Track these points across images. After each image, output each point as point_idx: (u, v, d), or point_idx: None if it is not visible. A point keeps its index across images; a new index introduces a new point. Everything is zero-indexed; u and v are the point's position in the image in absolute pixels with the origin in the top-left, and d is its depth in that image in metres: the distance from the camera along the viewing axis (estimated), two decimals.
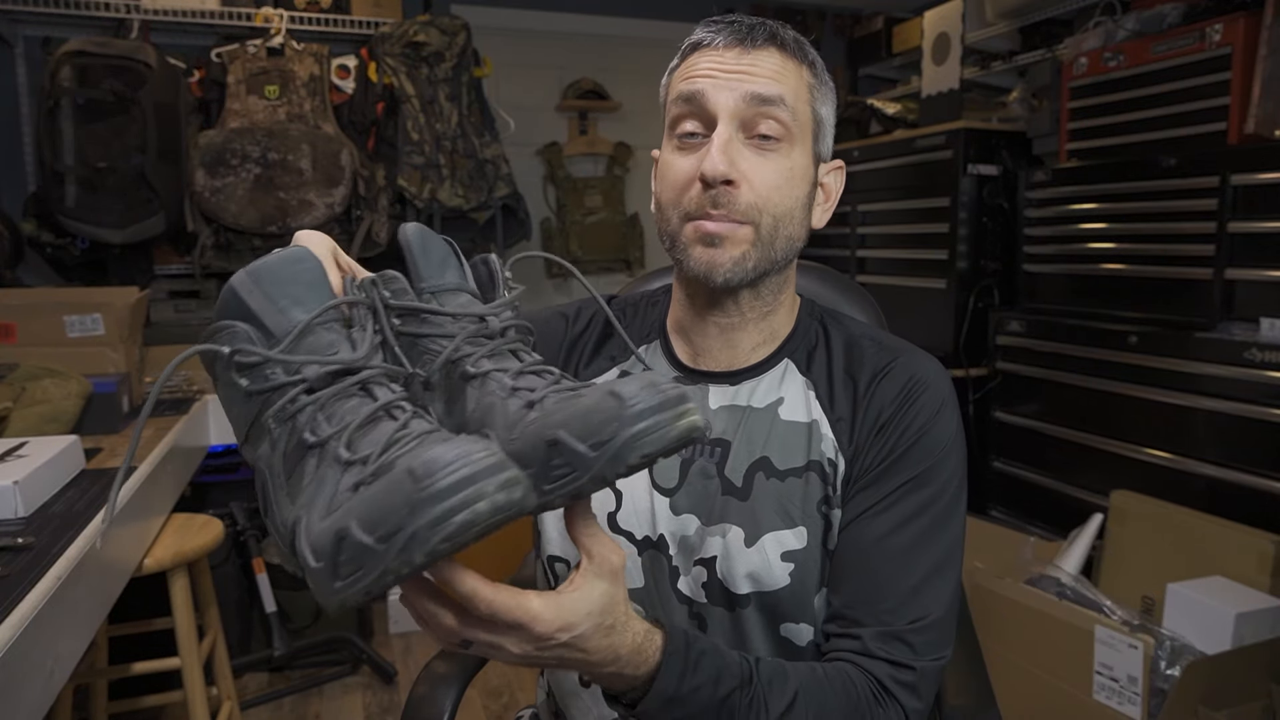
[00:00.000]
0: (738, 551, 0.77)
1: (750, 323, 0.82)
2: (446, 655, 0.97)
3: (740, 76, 0.75)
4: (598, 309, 0.93)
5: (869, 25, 3.38)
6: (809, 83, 0.79)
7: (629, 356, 0.88)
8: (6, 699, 0.87)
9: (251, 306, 0.50)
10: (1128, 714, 1.54)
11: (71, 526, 1.19)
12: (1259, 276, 1.78)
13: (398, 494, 0.41)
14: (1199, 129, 1.93)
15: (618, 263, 3.33)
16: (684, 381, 0.83)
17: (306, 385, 0.49)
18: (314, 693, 2.36)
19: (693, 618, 0.79)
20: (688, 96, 0.77)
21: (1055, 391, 2.18)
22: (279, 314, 0.50)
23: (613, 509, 0.83)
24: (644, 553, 0.81)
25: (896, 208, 2.67)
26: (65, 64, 2.29)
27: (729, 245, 0.76)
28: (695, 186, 0.76)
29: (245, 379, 0.49)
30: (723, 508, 0.78)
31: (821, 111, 0.80)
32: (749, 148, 0.76)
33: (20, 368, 1.71)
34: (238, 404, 0.50)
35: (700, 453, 0.81)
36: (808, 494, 0.77)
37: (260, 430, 0.49)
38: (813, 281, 1.06)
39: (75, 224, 2.33)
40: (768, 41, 0.77)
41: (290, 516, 0.46)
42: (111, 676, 1.84)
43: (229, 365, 0.50)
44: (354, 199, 2.63)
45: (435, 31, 2.68)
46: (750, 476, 0.78)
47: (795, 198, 0.77)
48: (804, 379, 0.82)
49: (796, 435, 0.79)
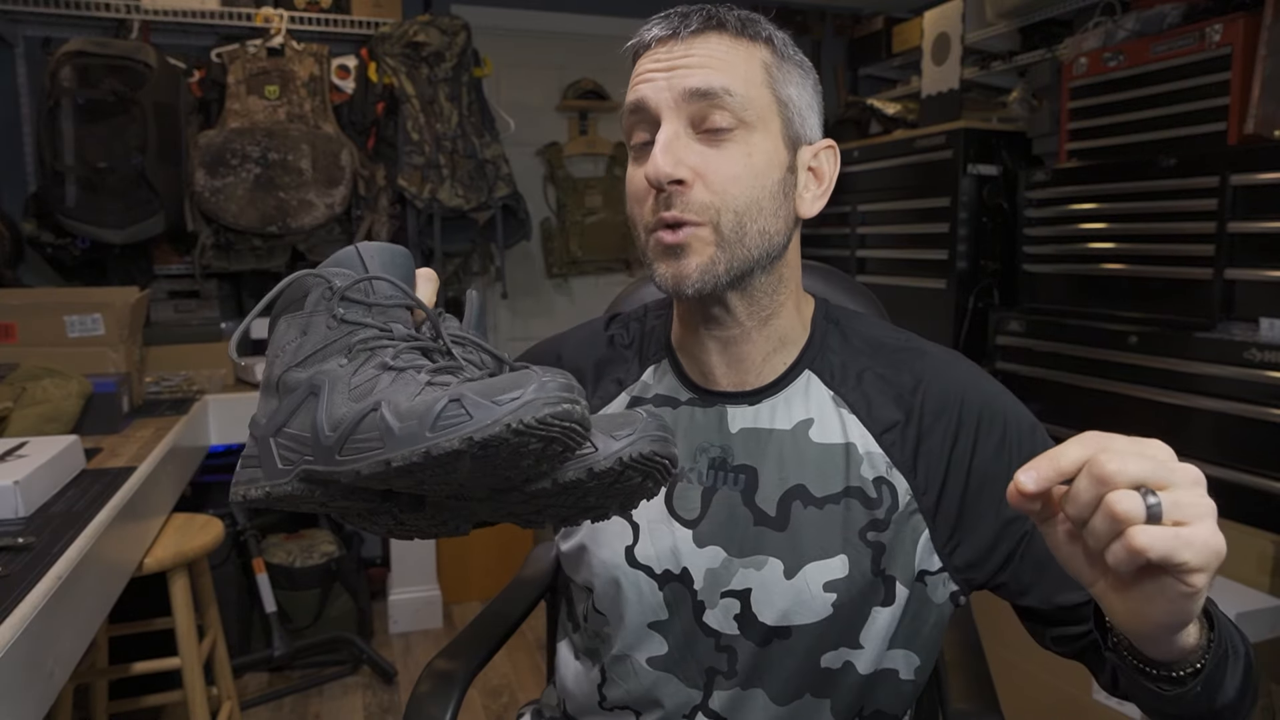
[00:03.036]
0: (776, 583, 0.74)
1: (752, 331, 0.76)
2: (447, 655, 0.97)
3: (677, 72, 0.70)
4: (595, 331, 0.90)
5: (869, 25, 3.38)
6: (765, 62, 0.73)
7: (636, 378, 0.85)
8: (6, 699, 0.87)
9: (368, 266, 0.62)
10: (1128, 714, 1.54)
11: (71, 526, 1.19)
12: (1259, 276, 1.78)
13: (507, 381, 0.51)
14: (1199, 129, 1.93)
15: (618, 263, 3.33)
16: (698, 404, 0.80)
17: (390, 334, 0.60)
18: (314, 693, 2.36)
19: (721, 650, 0.76)
20: (632, 107, 0.73)
21: (1055, 391, 2.18)
22: (383, 283, 0.62)
23: (629, 542, 0.79)
24: (665, 586, 0.78)
25: (896, 208, 2.67)
26: (65, 64, 2.29)
27: (691, 254, 0.70)
28: (652, 195, 0.71)
29: (343, 309, 0.60)
30: (757, 539, 0.75)
31: (786, 93, 0.74)
32: (700, 142, 0.70)
33: (20, 368, 1.71)
34: (319, 328, 0.60)
35: (723, 480, 0.77)
36: (848, 520, 0.73)
37: (336, 350, 0.59)
38: (815, 281, 1.06)
39: (75, 224, 2.33)
40: (704, 27, 0.72)
41: (357, 409, 0.54)
42: (111, 676, 1.84)
43: (334, 294, 0.60)
44: (354, 199, 2.63)
45: (435, 31, 2.68)
46: (786, 505, 0.75)
47: (761, 187, 0.71)
48: (831, 393, 0.77)
49: (832, 459, 0.75)
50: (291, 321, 0.62)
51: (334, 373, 0.58)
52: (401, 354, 0.58)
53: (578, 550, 0.83)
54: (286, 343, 0.61)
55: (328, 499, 0.58)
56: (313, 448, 0.56)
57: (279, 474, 0.58)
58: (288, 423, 0.58)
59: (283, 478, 0.58)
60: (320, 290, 0.61)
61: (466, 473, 0.52)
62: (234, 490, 0.60)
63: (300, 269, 0.64)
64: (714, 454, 0.78)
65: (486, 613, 1.08)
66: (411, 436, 0.51)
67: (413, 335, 0.61)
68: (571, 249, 3.24)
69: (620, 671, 0.82)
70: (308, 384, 0.58)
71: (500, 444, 0.49)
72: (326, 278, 0.61)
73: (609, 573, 0.80)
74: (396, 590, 2.73)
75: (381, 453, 0.51)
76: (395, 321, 0.61)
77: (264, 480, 0.59)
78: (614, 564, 0.79)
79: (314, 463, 0.56)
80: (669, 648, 0.79)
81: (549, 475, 0.55)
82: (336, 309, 0.60)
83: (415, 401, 0.52)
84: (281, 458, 0.58)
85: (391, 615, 2.72)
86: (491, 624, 1.06)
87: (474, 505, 0.60)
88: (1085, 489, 0.46)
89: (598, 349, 0.88)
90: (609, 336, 0.89)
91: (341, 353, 0.59)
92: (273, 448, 0.59)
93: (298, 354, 0.60)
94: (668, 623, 0.78)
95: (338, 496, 0.57)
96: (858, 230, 2.85)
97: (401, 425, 0.51)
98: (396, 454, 0.51)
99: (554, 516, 0.62)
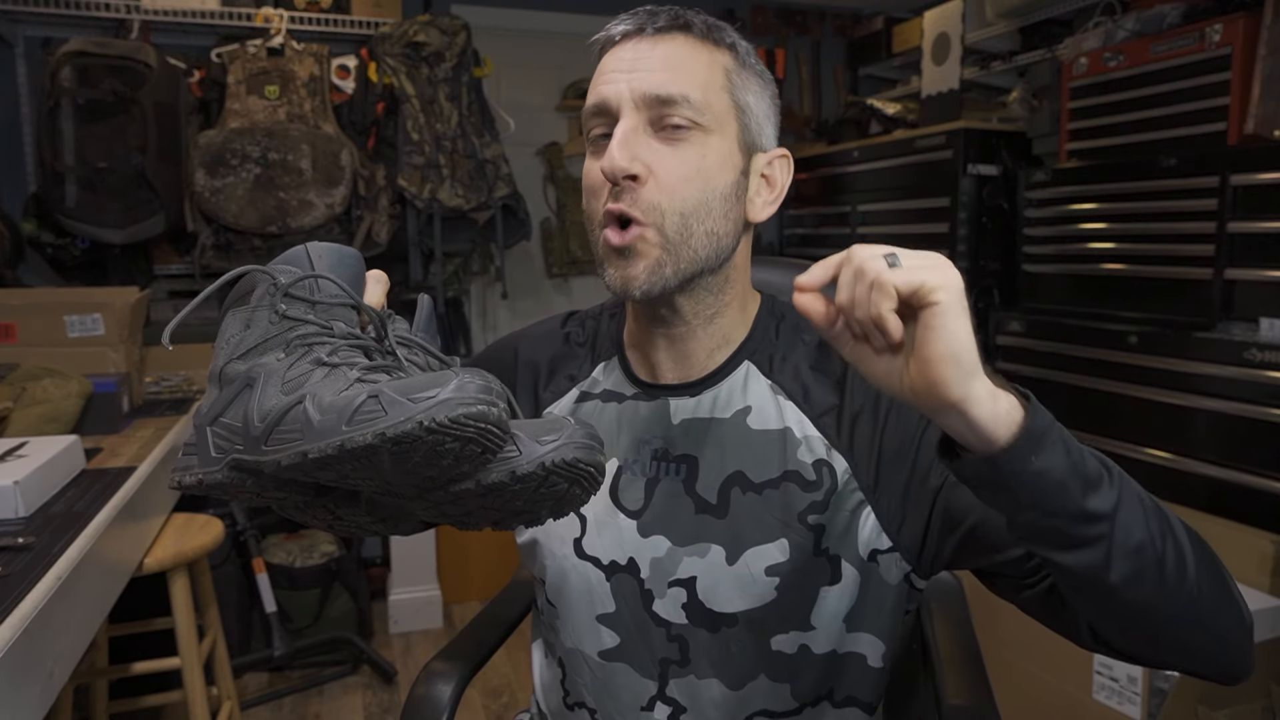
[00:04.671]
0: (719, 570, 0.75)
1: (698, 329, 0.78)
2: (445, 656, 0.97)
3: (639, 74, 0.71)
4: (552, 328, 0.92)
5: (869, 25, 3.38)
6: (726, 68, 0.74)
7: (588, 375, 0.86)
8: (6, 699, 0.87)
9: (315, 266, 0.63)
10: (1127, 714, 1.54)
11: (71, 526, 1.19)
12: (1259, 276, 1.78)
13: (426, 380, 0.52)
14: (1199, 129, 1.93)
15: None
16: (643, 398, 0.81)
17: (330, 331, 0.62)
18: (314, 693, 2.36)
19: (672, 640, 0.78)
20: (594, 109, 0.73)
21: (1055, 391, 2.18)
22: (328, 282, 0.64)
23: (578, 534, 0.81)
24: (612, 577, 0.79)
25: (896, 208, 2.67)
26: (65, 64, 2.29)
27: (639, 257, 0.71)
28: (606, 189, 0.72)
29: (286, 305, 0.61)
30: (698, 527, 0.76)
31: (744, 99, 0.75)
32: (657, 139, 0.71)
33: (20, 368, 1.71)
34: (261, 322, 0.61)
35: (665, 471, 0.78)
36: (787, 504, 0.74)
37: (275, 344, 0.60)
38: None
39: (75, 224, 2.33)
40: (671, 27, 0.73)
41: (284, 402, 0.56)
42: (111, 676, 1.84)
43: (277, 291, 0.61)
44: (354, 199, 2.63)
45: (435, 31, 2.68)
46: (726, 492, 0.76)
47: (711, 189, 0.72)
48: (769, 382, 0.78)
49: (769, 445, 0.76)
50: (236, 315, 0.63)
51: (270, 366, 0.59)
52: (338, 351, 0.60)
53: (531, 544, 0.85)
54: (230, 336, 0.63)
55: (259, 489, 0.59)
56: (243, 437, 0.57)
57: (212, 462, 0.60)
58: (224, 413, 0.60)
59: (215, 465, 0.59)
60: (265, 286, 0.62)
61: (387, 469, 0.53)
62: (171, 476, 0.62)
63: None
64: (656, 445, 0.80)
65: (485, 613, 1.08)
66: (328, 430, 0.52)
67: (354, 334, 0.62)
68: (571, 249, 3.24)
69: (574, 665, 0.83)
70: (245, 376, 0.60)
71: (414, 441, 0.50)
72: (272, 274, 0.62)
73: (558, 564, 0.82)
74: (396, 590, 2.73)
75: (300, 444, 0.53)
76: (338, 320, 0.62)
77: (198, 468, 0.60)
78: (563, 555, 0.82)
79: (243, 452, 0.57)
80: (620, 639, 0.80)
81: (471, 476, 0.56)
82: (279, 305, 0.61)
83: (338, 397, 0.53)
84: (215, 446, 0.60)
85: (391, 615, 2.72)
86: (490, 624, 1.06)
87: (406, 504, 0.61)
88: (845, 272, 0.55)
89: (553, 345, 0.90)
90: (565, 334, 0.91)
91: (280, 347, 0.60)
92: (208, 436, 0.60)
93: (239, 347, 0.62)
94: (616, 615, 0.80)
95: (269, 487, 0.59)
96: (858, 230, 2.85)
97: (321, 418, 0.53)
98: (313, 446, 0.52)
99: (486, 519, 0.62)
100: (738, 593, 0.75)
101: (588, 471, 0.58)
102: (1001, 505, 0.57)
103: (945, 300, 0.51)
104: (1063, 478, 0.54)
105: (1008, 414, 0.54)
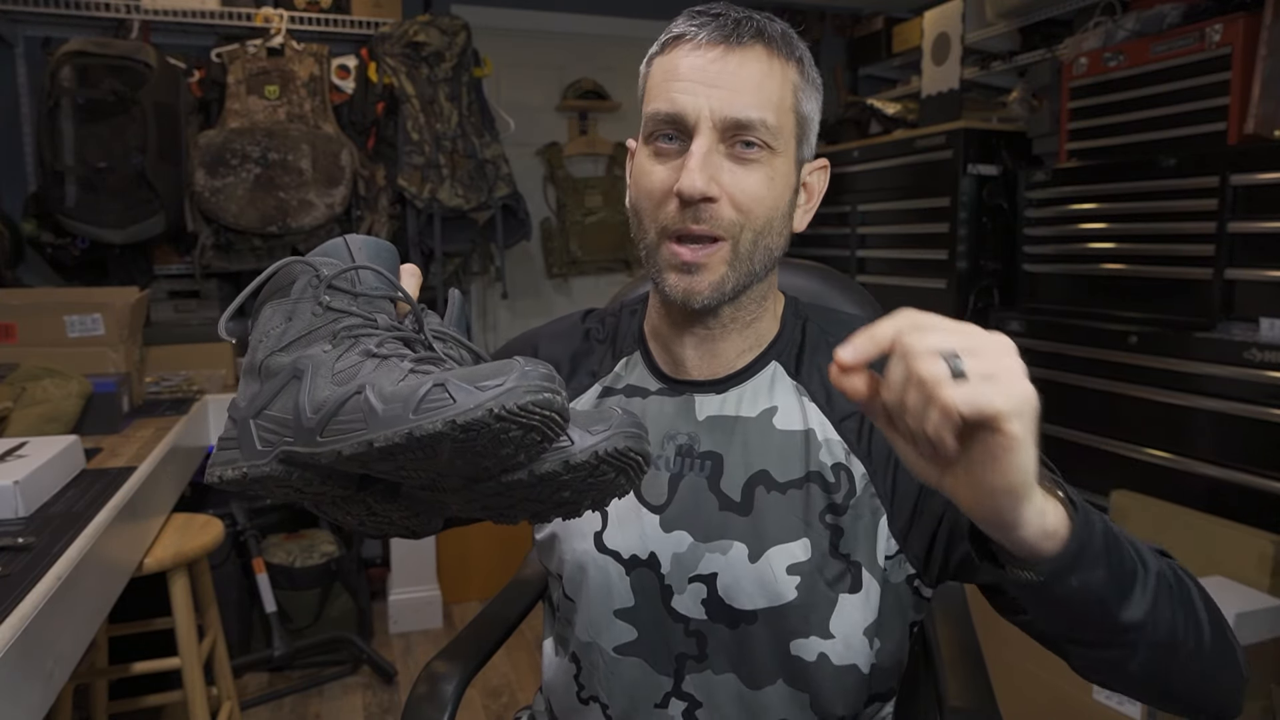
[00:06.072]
0: (741, 567, 0.75)
1: (733, 333, 0.79)
2: (445, 656, 0.97)
3: (720, 93, 0.71)
4: (572, 325, 0.92)
5: (869, 25, 3.38)
6: (795, 82, 0.75)
7: (610, 370, 0.86)
8: (6, 699, 0.87)
9: (355, 258, 0.63)
10: (1128, 714, 1.54)
11: (71, 526, 1.19)
12: (1259, 276, 1.78)
13: (491, 368, 0.52)
14: (1199, 129, 1.92)
15: (617, 263, 3.33)
16: (668, 393, 0.82)
17: (374, 323, 0.61)
18: (314, 693, 2.36)
19: (690, 635, 0.78)
20: (667, 104, 0.72)
21: (1055, 391, 2.18)
22: (369, 273, 0.64)
23: (599, 528, 0.81)
24: (632, 571, 0.79)
25: (896, 208, 2.67)
26: (65, 64, 2.29)
27: (706, 271, 0.73)
28: (673, 201, 0.72)
29: (329, 296, 0.61)
30: (722, 523, 0.76)
31: (806, 110, 0.76)
32: (729, 158, 0.72)
33: (20, 368, 1.71)
34: (304, 314, 0.61)
35: (689, 467, 0.79)
36: (809, 504, 0.75)
37: (320, 336, 0.60)
38: (813, 281, 1.06)
39: (75, 224, 2.33)
40: (754, 39, 0.72)
41: (340, 392, 0.56)
42: (111, 676, 1.84)
43: (320, 283, 0.61)
44: (354, 199, 2.63)
45: (435, 31, 2.68)
46: (750, 490, 0.76)
47: (776, 207, 0.74)
48: (794, 383, 0.79)
49: (793, 445, 0.77)
50: (277, 308, 0.63)
51: (318, 358, 0.59)
52: (385, 343, 0.59)
53: (549, 538, 0.85)
54: (271, 328, 0.62)
55: (304, 483, 0.58)
56: (293, 429, 0.57)
57: (258, 455, 0.59)
58: (269, 405, 0.59)
59: (261, 459, 0.58)
60: (307, 278, 0.62)
61: (447, 458, 0.53)
62: (210, 471, 0.61)
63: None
64: (681, 441, 0.80)
65: (485, 613, 1.08)
66: (395, 418, 0.52)
67: (396, 326, 0.62)
68: (571, 249, 3.24)
69: (590, 660, 0.83)
70: (291, 368, 0.59)
71: (482, 428, 0.50)
72: (314, 266, 0.62)
73: (577, 559, 0.82)
74: (396, 590, 2.73)
75: (365, 433, 0.52)
76: (379, 312, 0.62)
77: (242, 461, 0.59)
78: (583, 550, 0.82)
79: (294, 444, 0.56)
80: (638, 634, 0.80)
81: (526, 466, 0.56)
82: (323, 296, 0.61)
83: (399, 386, 0.53)
84: (261, 439, 0.59)
85: (391, 615, 2.72)
86: (490, 624, 1.06)
87: (448, 497, 0.60)
88: (895, 368, 0.48)
89: (574, 342, 0.90)
90: (585, 330, 0.91)
91: (326, 339, 0.60)
92: (252, 429, 0.59)
93: (282, 339, 0.61)
94: (634, 610, 0.80)
95: (314, 481, 0.58)
96: (858, 230, 2.85)
97: (386, 407, 0.52)
98: (379, 434, 0.52)
99: (527, 511, 0.62)
100: (759, 590, 0.75)
101: (636, 460, 0.58)
102: (1033, 609, 0.57)
103: (1018, 434, 0.45)
104: (1101, 593, 0.53)
105: (1054, 530, 0.50)
